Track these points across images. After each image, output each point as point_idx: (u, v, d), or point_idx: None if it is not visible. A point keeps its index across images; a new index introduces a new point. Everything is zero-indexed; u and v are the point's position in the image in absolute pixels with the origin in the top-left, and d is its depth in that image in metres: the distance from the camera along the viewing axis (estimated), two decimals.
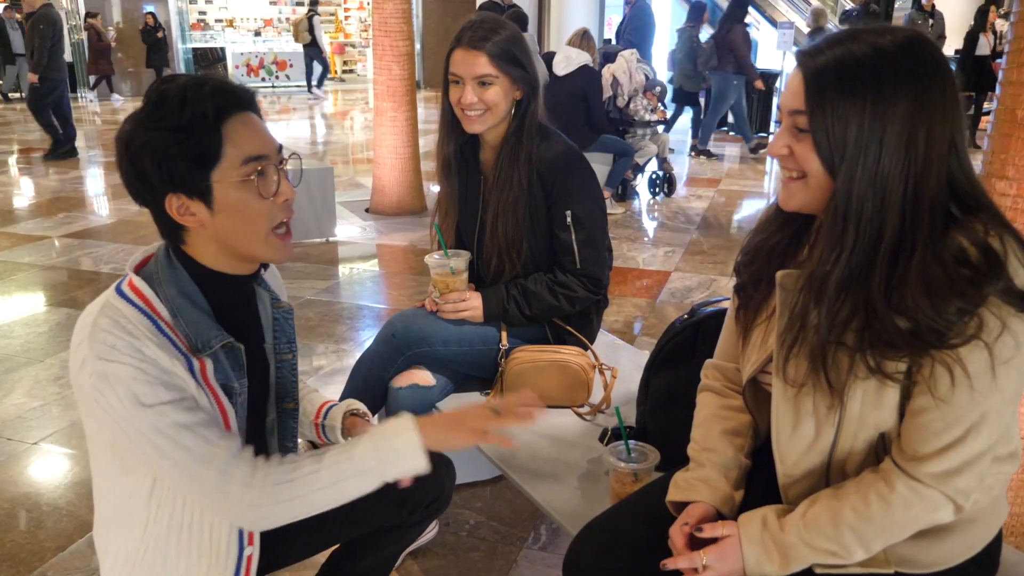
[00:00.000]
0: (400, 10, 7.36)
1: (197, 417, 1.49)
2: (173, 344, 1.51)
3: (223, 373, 1.59)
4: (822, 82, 1.35)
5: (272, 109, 18.38)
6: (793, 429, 1.51)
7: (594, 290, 2.62)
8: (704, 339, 2.16)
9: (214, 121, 1.48)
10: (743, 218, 8.21)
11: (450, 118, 2.59)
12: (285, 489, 1.53)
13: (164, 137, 1.46)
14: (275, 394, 1.82)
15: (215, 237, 1.56)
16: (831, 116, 1.34)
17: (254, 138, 1.54)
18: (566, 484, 2.18)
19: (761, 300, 1.64)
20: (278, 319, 1.79)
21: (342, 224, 7.43)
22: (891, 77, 1.31)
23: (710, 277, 6.05)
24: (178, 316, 1.53)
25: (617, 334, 4.42)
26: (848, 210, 1.34)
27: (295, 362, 1.84)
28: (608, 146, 7.78)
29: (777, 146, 1.45)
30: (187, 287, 1.57)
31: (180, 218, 1.53)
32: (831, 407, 1.45)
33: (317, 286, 5.81)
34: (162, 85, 1.50)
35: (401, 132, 7.67)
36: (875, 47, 1.33)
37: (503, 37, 2.45)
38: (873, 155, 1.32)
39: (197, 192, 1.50)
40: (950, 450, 1.36)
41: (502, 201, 2.56)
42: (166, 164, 1.47)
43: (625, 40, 11.23)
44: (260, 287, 1.76)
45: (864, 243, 1.35)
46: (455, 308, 2.60)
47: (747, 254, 1.68)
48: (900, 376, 1.38)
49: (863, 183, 1.33)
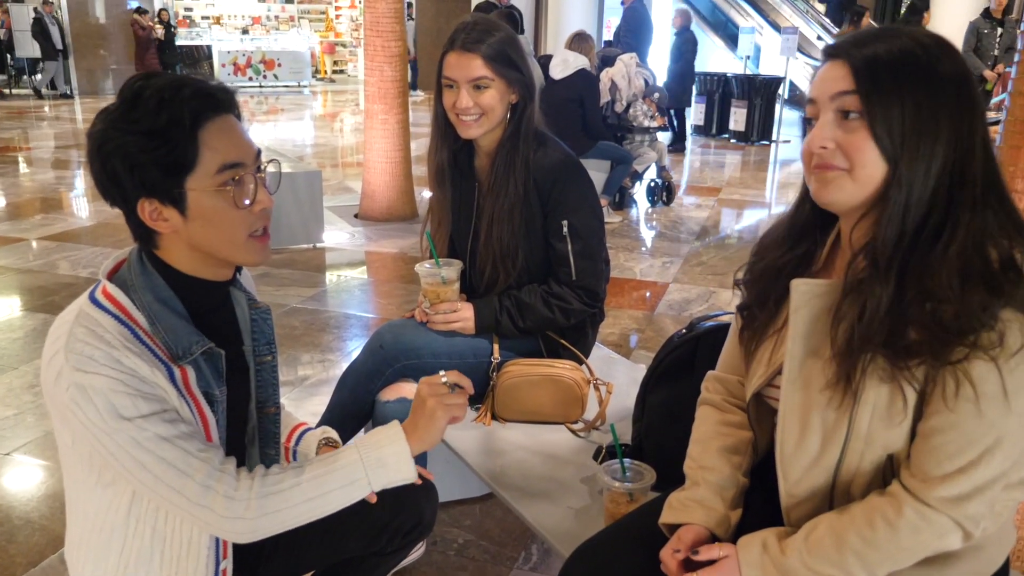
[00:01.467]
0: (392, 10, 7.37)
1: (178, 429, 1.48)
2: (153, 353, 1.50)
3: (204, 381, 1.59)
4: (876, 66, 1.37)
5: (260, 110, 18.39)
6: (798, 443, 1.50)
7: (590, 302, 2.62)
8: (703, 354, 2.15)
9: (191, 127, 1.47)
10: (744, 228, 8.23)
11: (443, 124, 2.58)
12: (270, 501, 1.53)
13: (138, 141, 1.44)
14: (256, 399, 1.82)
15: (189, 243, 1.56)
16: (890, 98, 1.35)
17: (232, 144, 1.53)
18: (558, 503, 2.17)
19: (767, 319, 1.63)
20: (256, 320, 1.78)
21: (330, 230, 7.43)
22: (937, 66, 1.35)
23: (709, 289, 6.06)
24: (156, 324, 1.52)
25: (613, 348, 4.42)
26: (910, 196, 1.35)
27: (275, 364, 1.83)
28: (605, 153, 7.80)
29: (819, 139, 1.42)
30: (163, 293, 1.56)
31: (152, 223, 1.52)
32: (839, 422, 1.44)
33: (303, 294, 5.80)
34: (137, 83, 1.49)
35: (392, 135, 7.67)
36: (918, 42, 1.37)
37: (498, 39, 2.45)
38: (931, 138, 1.34)
39: (170, 199, 1.49)
40: (962, 474, 1.35)
41: (497, 209, 2.55)
42: (139, 170, 1.46)
43: (623, 43, 11.24)
44: (235, 288, 1.75)
45: (918, 222, 1.36)
46: (446, 319, 2.59)
47: (753, 273, 1.67)
48: (914, 389, 1.37)
49: (923, 169, 1.35)
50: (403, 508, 1.97)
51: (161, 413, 1.47)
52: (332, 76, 26.78)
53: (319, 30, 27.02)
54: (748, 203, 9.32)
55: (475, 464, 2.37)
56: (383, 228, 7.67)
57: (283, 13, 26.14)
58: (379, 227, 7.70)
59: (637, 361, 4.30)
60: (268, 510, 1.53)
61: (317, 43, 26.40)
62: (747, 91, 13.83)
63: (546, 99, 7.87)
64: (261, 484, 1.53)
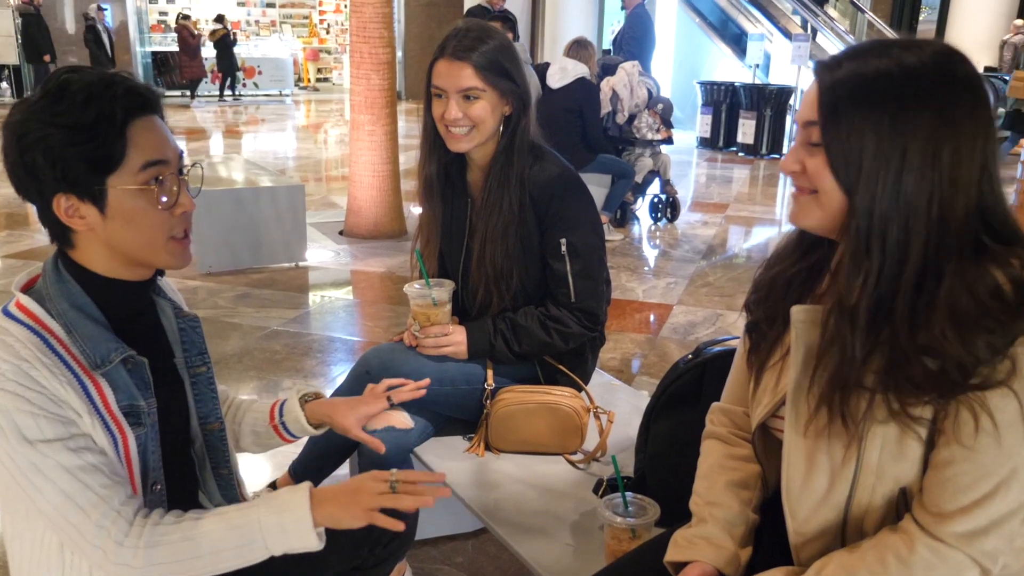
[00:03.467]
0: (380, 14, 7.38)
1: (83, 460, 1.49)
2: (65, 365, 1.51)
3: (126, 393, 1.59)
4: (837, 94, 1.37)
5: (239, 120, 18.41)
6: (805, 480, 1.50)
7: (590, 326, 2.62)
8: (710, 381, 2.16)
9: (121, 123, 1.50)
10: (753, 246, 8.25)
11: (433, 135, 2.59)
12: (157, 552, 1.53)
13: (62, 134, 1.47)
14: (196, 414, 1.82)
15: (106, 242, 1.58)
16: (846, 129, 1.35)
17: (157, 143, 1.56)
18: (556, 539, 2.17)
19: (775, 339, 1.63)
20: (184, 330, 1.79)
21: (313, 248, 7.42)
22: (912, 91, 1.33)
23: (716, 311, 6.07)
24: (72, 331, 1.54)
25: (614, 373, 4.42)
26: (871, 231, 1.35)
27: (211, 375, 1.84)
28: (606, 166, 7.82)
29: (789, 161, 1.47)
30: (79, 300, 1.58)
31: (68, 220, 1.54)
32: (847, 457, 1.44)
33: (285, 315, 5.80)
34: (64, 75, 1.51)
35: (379, 147, 7.67)
36: (899, 62, 1.34)
37: (491, 47, 2.46)
38: (894, 171, 1.33)
39: (89, 195, 1.52)
40: (977, 507, 1.34)
41: (491, 227, 2.56)
42: (60, 163, 1.48)
43: (625, 51, 11.27)
44: (159, 297, 1.77)
45: (889, 268, 1.35)
46: (436, 343, 2.59)
47: (760, 289, 1.68)
48: (925, 422, 1.38)
49: (884, 201, 1.34)
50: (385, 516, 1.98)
51: (67, 440, 1.48)
52: (316, 85, 26.81)
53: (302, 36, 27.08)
54: (757, 220, 9.36)
55: (467, 497, 2.36)
56: (370, 246, 7.67)
57: (264, 18, 26.22)
58: (366, 245, 7.71)
59: (640, 388, 4.30)
60: (155, 561, 1.53)
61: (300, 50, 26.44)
62: (756, 102, 13.88)
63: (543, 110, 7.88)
64: (151, 533, 1.53)
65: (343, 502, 1.64)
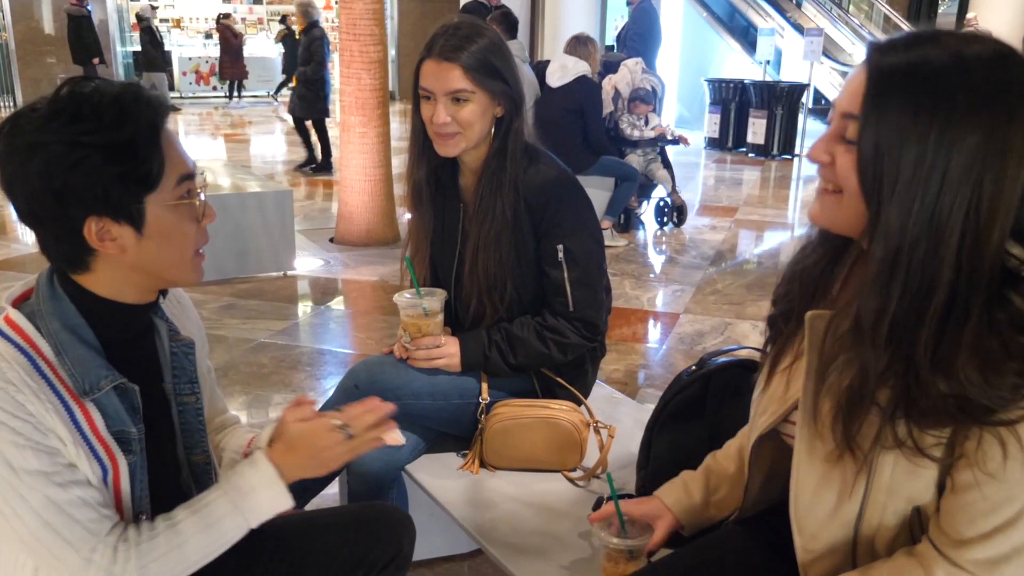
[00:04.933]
0: (371, 11, 7.40)
1: (70, 495, 1.50)
2: (52, 389, 1.51)
3: (117, 419, 1.59)
4: (887, 88, 1.30)
5: (225, 123, 18.44)
6: (814, 493, 1.50)
7: (589, 336, 2.62)
8: (715, 394, 2.16)
9: (156, 137, 1.50)
10: (764, 252, 8.25)
11: (422, 138, 2.59)
12: (150, 572, 1.55)
13: (100, 155, 1.45)
14: (182, 443, 1.82)
15: (133, 263, 1.57)
16: (886, 134, 1.29)
17: (181, 154, 1.57)
18: (554, 560, 2.17)
19: (788, 339, 1.63)
20: (176, 354, 1.78)
21: (302, 256, 7.43)
22: (967, 99, 1.25)
23: (725, 320, 6.07)
24: (62, 354, 1.53)
25: (616, 386, 4.42)
26: (900, 248, 1.30)
27: (200, 407, 1.83)
28: (609, 169, 7.83)
29: (820, 151, 1.42)
30: (72, 320, 1.57)
31: (99, 244, 1.52)
32: (858, 471, 1.43)
33: (272, 327, 5.81)
34: (72, 89, 1.49)
35: (371, 150, 7.69)
36: (958, 56, 1.28)
37: (480, 46, 2.44)
38: (934, 189, 1.26)
39: (126, 216, 1.51)
40: (999, 534, 1.33)
41: (483, 234, 2.55)
42: (101, 186, 1.46)
43: (629, 48, 11.29)
44: (158, 318, 1.76)
45: (913, 294, 1.30)
46: (428, 355, 2.58)
47: (786, 281, 1.65)
48: (938, 452, 1.35)
49: (919, 220, 1.28)
50: (379, 541, 1.99)
51: (52, 474, 1.48)
52: None
53: None
54: (768, 224, 9.37)
55: (461, 517, 2.36)
56: (361, 254, 7.69)
57: (251, 15, 26.18)
58: (357, 252, 7.72)
59: (643, 401, 4.31)
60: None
61: None
62: (767, 100, 13.88)
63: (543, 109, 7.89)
64: (138, 556, 1.55)
65: (308, 466, 1.70)
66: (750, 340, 5.54)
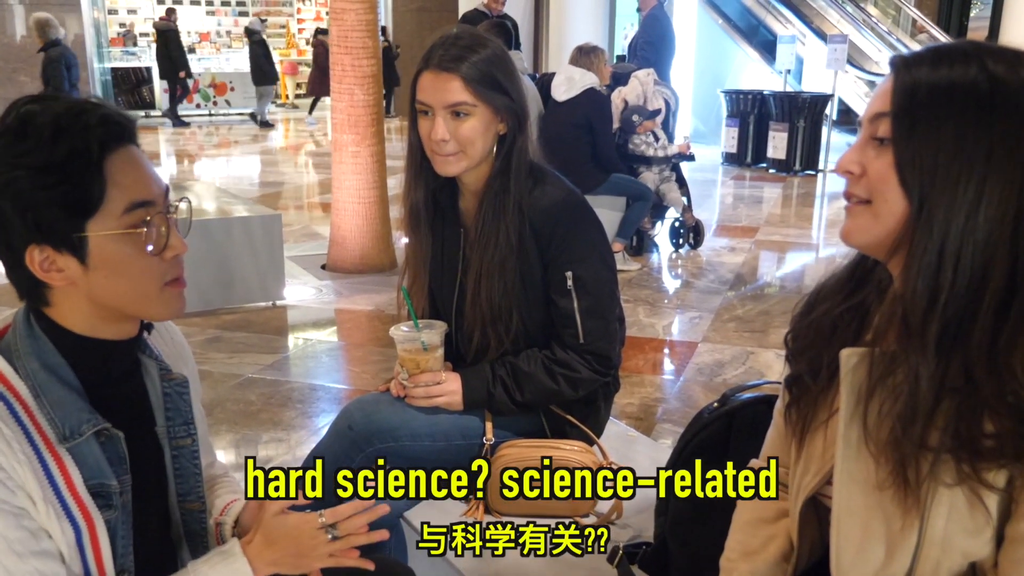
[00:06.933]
0: (363, 22, 7.40)
1: (26, 566, 1.46)
2: (27, 437, 1.48)
3: (96, 471, 1.56)
4: (916, 90, 1.34)
5: (209, 142, 18.51)
6: (859, 550, 1.47)
7: (602, 370, 2.60)
8: (739, 433, 2.13)
9: (97, 159, 1.46)
10: (787, 275, 8.24)
11: (419, 157, 2.58)
12: None
13: (30, 177, 1.42)
14: (176, 491, 1.79)
15: (89, 296, 1.54)
16: (924, 124, 1.32)
17: (140, 179, 1.53)
18: None
19: (820, 393, 1.60)
20: (169, 395, 1.75)
21: (292, 284, 7.42)
22: (1008, 100, 1.29)
23: (747, 349, 6.05)
24: (41, 396, 1.50)
25: (632, 422, 4.40)
26: (944, 250, 1.31)
27: (196, 448, 1.81)
28: (620, 187, 7.82)
29: (849, 160, 1.43)
30: (51, 359, 1.54)
31: (44, 275, 1.50)
32: (907, 525, 1.40)
33: (261, 361, 5.79)
34: (24, 107, 1.47)
35: (365, 171, 7.68)
36: (990, 74, 1.31)
37: (482, 56, 2.43)
38: (980, 170, 1.28)
39: (67, 245, 1.48)
40: None
41: (486, 260, 2.53)
42: (32, 211, 1.44)
43: (640, 58, 11.31)
44: (145, 356, 1.73)
45: (965, 286, 1.31)
46: (427, 393, 2.57)
47: (802, 336, 1.64)
48: (999, 487, 1.33)
49: (962, 215, 1.29)
50: None
51: (13, 540, 1.45)
52: (295, 101, 26.93)
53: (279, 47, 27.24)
54: (791, 245, 9.36)
55: (465, 568, 2.35)
56: (356, 281, 7.67)
57: (236, 28, 26.32)
58: (351, 280, 7.71)
59: (661, 438, 4.28)
60: None
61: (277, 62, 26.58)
62: (788, 112, 13.90)
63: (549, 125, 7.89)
64: None
65: (286, 564, 1.67)
66: (774, 370, 5.52)
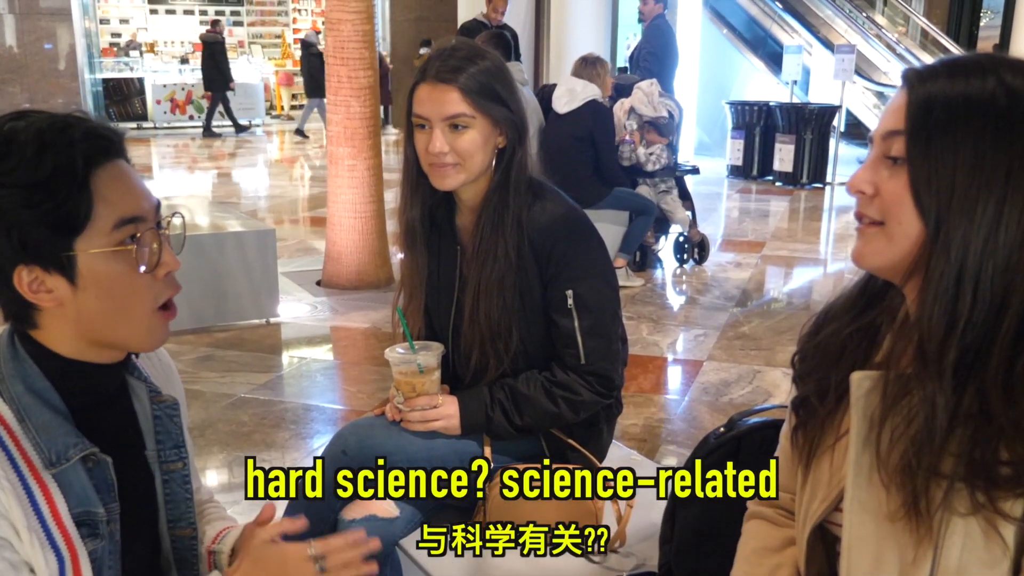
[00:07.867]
0: (360, 32, 7.42)
1: None
2: (11, 463, 1.46)
3: (82, 499, 1.54)
4: (931, 105, 1.32)
5: (202, 155, 18.55)
6: None
7: (604, 392, 2.58)
8: (747, 458, 2.11)
9: (83, 175, 1.45)
10: (794, 290, 8.25)
11: (415, 172, 2.56)
12: None
13: (15, 196, 1.41)
14: (166, 517, 1.78)
15: (78, 318, 1.52)
16: (939, 142, 1.30)
17: (129, 195, 1.52)
18: None
19: (827, 416, 1.57)
20: (159, 417, 1.74)
21: (287, 301, 7.42)
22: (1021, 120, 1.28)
23: (753, 368, 6.04)
24: (26, 420, 1.49)
25: (634, 443, 4.38)
26: (963, 272, 1.29)
27: (187, 472, 1.79)
28: (623, 202, 7.83)
29: (861, 180, 1.41)
30: (37, 383, 1.53)
31: (33, 296, 1.48)
32: (920, 556, 1.38)
33: (254, 381, 5.79)
34: (7, 124, 1.46)
35: (361, 184, 7.69)
36: (1010, 90, 1.29)
37: (481, 68, 2.43)
38: (998, 191, 1.27)
39: (56, 264, 1.46)
40: None
41: (484, 278, 2.52)
42: (17, 230, 1.43)
43: (643, 69, 11.32)
44: (133, 377, 1.72)
45: (984, 311, 1.29)
46: (424, 417, 2.54)
47: (809, 358, 1.62)
48: (1016, 517, 1.30)
49: (980, 237, 1.28)
50: None
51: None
52: (290, 113, 26.98)
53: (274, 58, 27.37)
54: (798, 260, 9.37)
55: None
56: (352, 298, 7.68)
57: (231, 38, 26.42)
58: (347, 297, 7.71)
59: (665, 460, 4.25)
60: None
61: (272, 73, 26.68)
62: (794, 123, 13.95)
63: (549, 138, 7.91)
64: None
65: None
66: (781, 389, 5.52)
